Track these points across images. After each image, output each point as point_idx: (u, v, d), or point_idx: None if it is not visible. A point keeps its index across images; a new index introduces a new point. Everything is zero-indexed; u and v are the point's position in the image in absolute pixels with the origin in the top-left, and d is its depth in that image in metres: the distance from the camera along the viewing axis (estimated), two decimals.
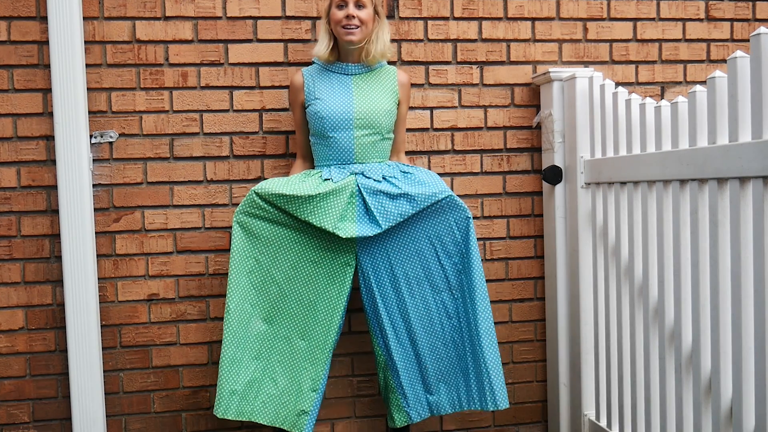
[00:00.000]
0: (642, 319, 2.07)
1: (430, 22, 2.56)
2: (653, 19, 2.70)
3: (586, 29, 2.66)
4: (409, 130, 2.54)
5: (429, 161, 2.57)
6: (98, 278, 2.39)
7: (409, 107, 2.52)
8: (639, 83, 2.70)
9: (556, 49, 2.64)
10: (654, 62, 2.71)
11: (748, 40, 2.74)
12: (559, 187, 2.51)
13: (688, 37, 2.73)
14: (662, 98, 2.71)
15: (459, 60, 2.58)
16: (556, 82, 2.49)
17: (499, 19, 2.60)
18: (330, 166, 2.23)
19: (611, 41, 2.68)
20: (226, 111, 2.45)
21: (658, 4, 2.70)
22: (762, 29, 1.49)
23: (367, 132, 2.21)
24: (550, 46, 2.63)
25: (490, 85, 2.60)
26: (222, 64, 2.44)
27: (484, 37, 2.59)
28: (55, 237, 2.35)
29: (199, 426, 2.48)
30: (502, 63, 2.61)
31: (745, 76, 1.58)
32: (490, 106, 2.61)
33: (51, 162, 2.35)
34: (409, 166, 2.28)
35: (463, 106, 2.59)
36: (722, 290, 1.68)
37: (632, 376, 2.13)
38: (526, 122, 2.63)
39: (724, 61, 2.74)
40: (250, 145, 2.46)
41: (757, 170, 1.51)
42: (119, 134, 2.40)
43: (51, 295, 2.38)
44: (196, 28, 2.42)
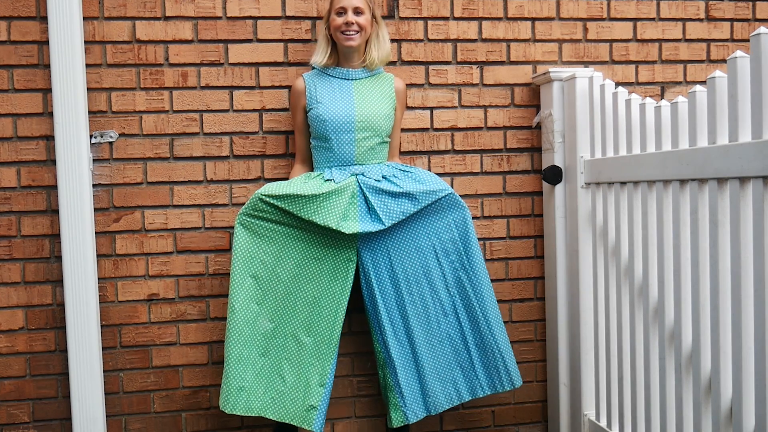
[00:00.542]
0: (642, 319, 2.07)
1: (430, 22, 2.56)
2: (653, 19, 2.70)
3: (586, 29, 2.66)
4: (409, 130, 2.55)
5: (429, 161, 2.57)
6: (98, 278, 2.39)
7: (409, 107, 2.54)
8: (639, 83, 2.70)
9: (556, 49, 2.64)
10: (654, 62, 2.71)
11: (748, 40, 2.74)
12: (559, 187, 2.51)
13: (688, 37, 2.73)
14: (662, 98, 2.71)
15: (459, 60, 2.58)
16: (556, 82, 2.48)
17: (499, 19, 2.60)
18: (331, 168, 2.27)
19: (611, 41, 2.68)
20: (226, 111, 2.45)
21: (658, 4, 2.70)
22: (762, 29, 1.49)
23: (368, 135, 2.27)
24: (550, 46, 2.63)
25: (490, 85, 2.60)
26: (222, 64, 2.44)
27: (484, 37, 2.59)
28: (55, 237, 2.35)
29: (199, 426, 2.48)
30: (502, 63, 2.61)
31: (745, 76, 1.58)
32: (490, 106, 2.61)
33: (51, 162, 2.35)
34: (407, 166, 2.34)
35: (463, 106, 2.59)
36: (722, 290, 1.68)
37: (632, 376, 2.13)
38: (526, 122, 2.63)
39: (724, 61, 2.74)
40: (250, 145, 2.46)
41: (757, 170, 1.51)
42: (119, 134, 2.40)
43: (51, 295, 2.38)
44: (196, 28, 2.42)
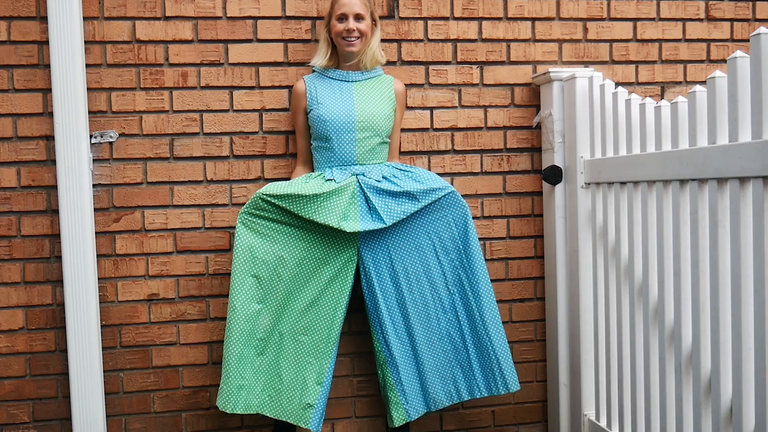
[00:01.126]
0: (642, 319, 2.07)
1: (430, 22, 2.56)
2: (653, 19, 2.70)
3: (586, 29, 2.66)
4: (409, 130, 2.55)
5: (429, 161, 2.57)
6: (98, 278, 2.39)
7: (409, 107, 2.54)
8: (639, 83, 2.70)
9: (556, 49, 2.64)
10: (654, 62, 2.71)
11: (748, 40, 2.74)
12: (559, 187, 2.51)
13: (688, 37, 2.73)
14: (662, 98, 2.71)
15: (459, 60, 2.58)
16: (556, 82, 2.48)
17: (499, 19, 2.60)
18: (332, 168, 2.29)
19: (611, 41, 2.67)
20: (226, 111, 2.45)
21: (658, 4, 2.70)
22: (762, 29, 1.49)
23: (368, 135, 2.28)
24: (550, 46, 2.63)
25: (490, 85, 2.60)
26: (222, 64, 2.44)
27: (484, 37, 2.59)
28: (55, 237, 2.35)
29: (199, 426, 2.48)
30: (502, 63, 2.61)
31: (745, 76, 1.58)
32: (490, 106, 2.61)
33: (51, 162, 2.35)
34: (407, 166, 2.35)
35: (463, 106, 2.59)
36: (722, 290, 1.68)
37: (632, 376, 2.13)
38: (526, 122, 2.63)
39: (724, 61, 2.74)
40: (250, 145, 2.46)
41: (757, 170, 1.51)
42: (119, 134, 2.40)
43: (51, 295, 2.38)
44: (196, 28, 2.42)
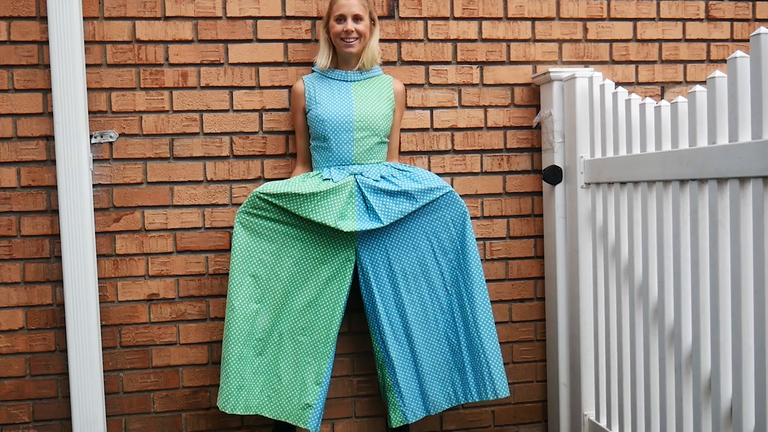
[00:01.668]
0: (642, 319, 2.07)
1: (430, 22, 2.56)
2: (653, 19, 2.70)
3: (586, 29, 2.66)
4: (409, 130, 2.55)
5: (429, 161, 2.57)
6: (98, 278, 2.39)
7: (409, 107, 2.54)
8: (639, 83, 2.70)
9: (556, 49, 2.64)
10: (654, 62, 2.71)
11: (748, 40, 2.74)
12: (559, 187, 2.51)
13: (688, 37, 2.73)
14: (662, 98, 2.71)
15: (459, 60, 2.58)
16: (556, 82, 2.48)
17: (499, 19, 2.60)
18: (330, 167, 2.29)
19: (611, 41, 2.67)
20: (226, 111, 2.45)
21: (658, 4, 2.70)
22: (762, 29, 1.49)
23: (367, 134, 2.28)
24: (550, 46, 2.63)
25: (490, 85, 2.60)
26: (222, 64, 2.44)
27: (484, 37, 2.59)
28: (55, 237, 2.35)
29: (199, 426, 2.48)
30: (502, 63, 2.61)
31: (745, 76, 1.58)
32: (490, 106, 2.61)
33: (51, 162, 2.35)
34: (405, 166, 2.36)
35: (463, 106, 2.59)
36: (722, 290, 1.68)
37: (632, 376, 2.13)
38: (526, 122, 2.63)
39: (724, 61, 2.74)
40: (250, 145, 2.47)
41: (757, 170, 1.51)
42: (119, 134, 2.40)
43: (51, 295, 2.38)
44: (196, 28, 2.42)
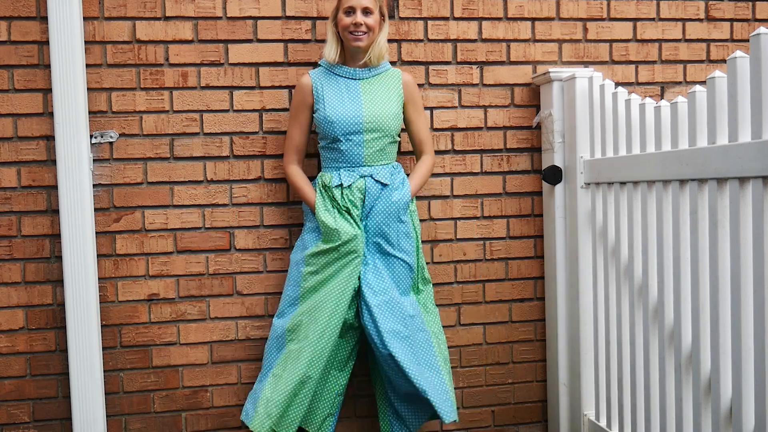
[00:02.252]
0: (642, 319, 2.07)
1: (430, 22, 2.56)
2: (653, 19, 2.70)
3: (586, 29, 2.66)
4: None
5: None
6: (98, 278, 2.39)
7: None
8: (639, 83, 2.70)
9: (556, 49, 2.64)
10: (654, 62, 2.71)
11: (748, 40, 2.74)
12: (559, 187, 2.51)
13: (688, 37, 2.73)
14: (662, 98, 2.71)
15: (459, 60, 2.58)
16: (556, 82, 2.48)
17: (499, 19, 2.60)
18: (339, 169, 2.26)
19: (611, 41, 2.67)
20: (226, 111, 2.45)
21: (658, 4, 2.70)
22: (762, 29, 1.49)
23: (377, 135, 2.25)
24: (550, 46, 2.63)
25: (490, 85, 2.60)
26: (222, 64, 2.44)
27: (484, 37, 2.59)
28: (56, 237, 2.35)
29: (199, 426, 2.48)
30: (502, 63, 2.61)
31: (744, 76, 1.58)
32: (490, 106, 2.61)
33: (51, 162, 2.35)
34: (404, 178, 2.31)
35: (463, 106, 2.59)
36: (722, 290, 1.68)
37: (632, 376, 2.13)
38: (526, 122, 2.63)
39: (724, 61, 2.74)
40: (250, 145, 2.46)
41: (757, 170, 1.51)
42: (119, 134, 2.40)
43: (51, 295, 2.38)
44: (196, 28, 2.42)
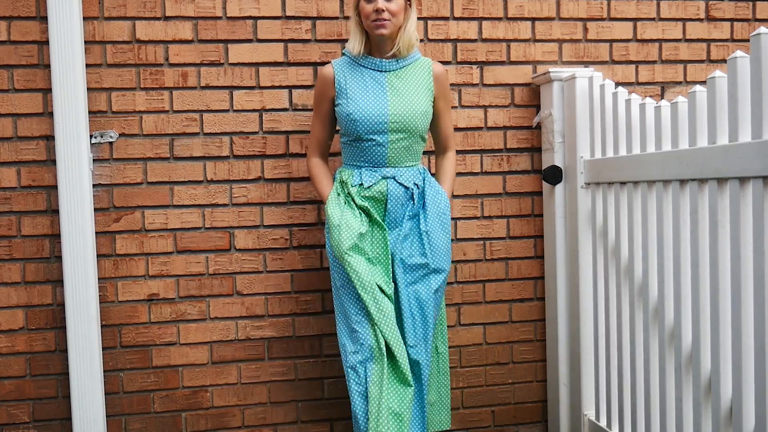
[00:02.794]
0: (642, 319, 2.07)
1: (430, 22, 2.56)
2: (653, 19, 2.70)
3: (586, 29, 2.66)
4: None
5: (429, 161, 2.56)
6: (98, 278, 2.39)
7: None
8: (639, 83, 2.70)
9: (556, 49, 2.64)
10: (654, 62, 2.71)
11: (748, 40, 2.74)
12: (559, 187, 2.51)
13: (688, 37, 2.73)
14: (662, 98, 2.71)
15: (459, 60, 2.58)
16: (556, 82, 2.48)
17: (499, 19, 2.60)
18: (361, 168, 2.14)
19: (611, 41, 2.67)
20: (226, 111, 2.45)
21: (658, 4, 2.70)
22: (762, 29, 1.49)
23: (402, 136, 2.12)
24: (550, 46, 2.63)
25: (490, 85, 2.60)
26: (222, 64, 2.44)
27: (484, 37, 2.59)
28: (55, 237, 2.35)
29: (199, 426, 2.48)
30: (502, 63, 2.61)
31: (745, 76, 1.58)
32: (490, 106, 2.61)
33: (51, 162, 2.35)
34: (433, 182, 2.21)
35: (463, 106, 2.59)
36: (722, 290, 1.68)
37: (632, 376, 2.13)
38: (526, 122, 2.63)
39: (724, 61, 2.74)
40: (250, 145, 2.46)
41: (757, 170, 1.51)
42: (119, 134, 2.40)
43: (51, 295, 2.38)
44: (196, 28, 2.42)
